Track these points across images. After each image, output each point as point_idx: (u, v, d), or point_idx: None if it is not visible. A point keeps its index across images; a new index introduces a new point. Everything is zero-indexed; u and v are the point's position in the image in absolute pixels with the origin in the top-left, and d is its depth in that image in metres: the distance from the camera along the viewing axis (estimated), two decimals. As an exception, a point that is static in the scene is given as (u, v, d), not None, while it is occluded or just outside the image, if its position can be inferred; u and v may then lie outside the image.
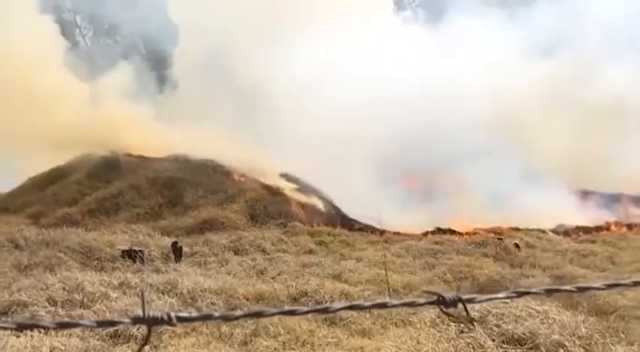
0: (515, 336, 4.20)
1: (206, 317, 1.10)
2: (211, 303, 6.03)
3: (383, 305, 1.21)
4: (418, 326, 4.72)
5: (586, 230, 11.83)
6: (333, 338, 5.16)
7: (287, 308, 1.21)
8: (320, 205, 13.25)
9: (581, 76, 14.63)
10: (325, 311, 1.16)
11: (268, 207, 12.79)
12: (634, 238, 11.02)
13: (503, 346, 4.14)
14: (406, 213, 12.88)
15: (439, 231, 11.65)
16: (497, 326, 4.37)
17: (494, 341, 4.17)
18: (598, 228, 11.91)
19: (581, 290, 1.29)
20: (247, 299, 6.29)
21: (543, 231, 11.53)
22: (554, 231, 11.56)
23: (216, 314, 1.10)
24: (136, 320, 1.05)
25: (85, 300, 5.74)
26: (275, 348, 4.99)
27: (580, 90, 14.48)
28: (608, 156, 13.46)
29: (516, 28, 16.38)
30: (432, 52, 15.91)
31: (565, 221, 12.24)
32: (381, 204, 12.42)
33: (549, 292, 1.30)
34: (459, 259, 9.14)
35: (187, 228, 11.84)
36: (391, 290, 7.08)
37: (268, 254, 9.81)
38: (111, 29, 23.71)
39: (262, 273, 8.34)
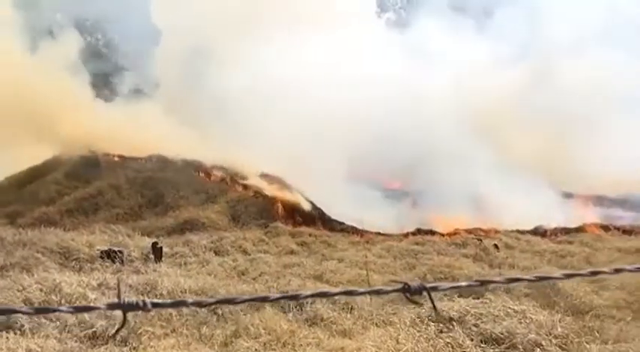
0: (494, 336, 4.26)
1: (179, 304, 1.12)
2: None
3: (351, 293, 1.25)
4: (398, 326, 4.75)
5: (564, 231, 12.03)
6: (314, 338, 5.16)
7: (258, 295, 1.23)
8: (301, 206, 13.24)
9: (548, 78, 14.93)
10: (295, 298, 1.19)
11: (250, 207, 12.76)
12: (610, 239, 11.25)
13: (482, 345, 4.20)
14: (387, 214, 12.95)
15: (420, 231, 11.75)
16: (475, 325, 4.43)
17: (472, 340, 4.23)
18: (575, 229, 12.13)
19: (541, 279, 1.35)
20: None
21: (522, 232, 11.70)
22: (532, 232, 11.73)
23: (190, 300, 1.13)
24: (112, 306, 1.07)
25: (62, 301, 5.66)
26: (256, 349, 4.97)
27: (548, 93, 14.76)
28: (584, 158, 13.73)
29: (487, 32, 16.65)
30: (409, 55, 16.06)
31: (543, 222, 12.43)
32: (361, 204, 12.49)
33: (510, 281, 1.37)
34: (439, 259, 9.23)
35: (168, 228, 11.75)
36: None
37: (249, 254, 9.78)
38: (92, 27, 23.39)
39: (243, 274, 8.31)
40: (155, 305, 1.07)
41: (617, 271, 1.36)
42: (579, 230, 12.11)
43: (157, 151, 15.43)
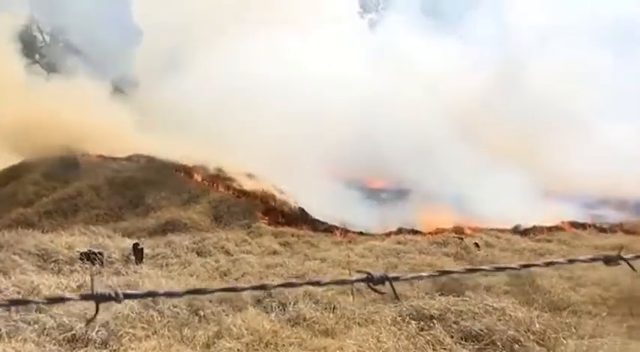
0: (473, 333, 4.33)
1: (150, 294, 1.15)
2: (173, 306, 5.93)
3: (316, 283, 1.30)
4: (380, 324, 4.79)
5: (542, 230, 12.22)
6: (296, 338, 5.18)
7: (227, 285, 1.27)
8: (284, 206, 13.23)
9: (522, 78, 15.17)
10: (263, 288, 1.23)
11: (232, 207, 12.70)
12: (587, 237, 11.48)
13: (462, 342, 4.26)
14: (370, 213, 13.02)
15: (402, 231, 11.82)
16: (456, 323, 4.50)
17: (452, 337, 4.29)
18: (554, 228, 12.32)
19: (499, 269, 1.43)
20: (210, 301, 6.23)
21: (502, 231, 11.86)
22: (512, 231, 11.90)
23: (161, 291, 1.15)
24: (85, 297, 1.08)
25: (40, 304, 5.56)
26: (238, 349, 4.96)
27: (525, 93, 15.00)
28: (562, 157, 13.98)
29: (461, 33, 16.88)
30: (388, 55, 16.19)
31: (522, 221, 12.61)
32: (344, 204, 12.53)
33: (470, 271, 1.47)
34: (421, 258, 9.31)
35: (149, 229, 11.64)
36: (354, 290, 7.15)
37: (232, 255, 9.73)
38: (72, 27, 23.05)
39: (226, 275, 8.29)
40: (127, 295, 1.09)
41: (571, 262, 1.43)
42: (557, 228, 12.31)
43: (138, 151, 15.28)
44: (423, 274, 1.38)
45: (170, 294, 1.11)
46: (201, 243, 10.21)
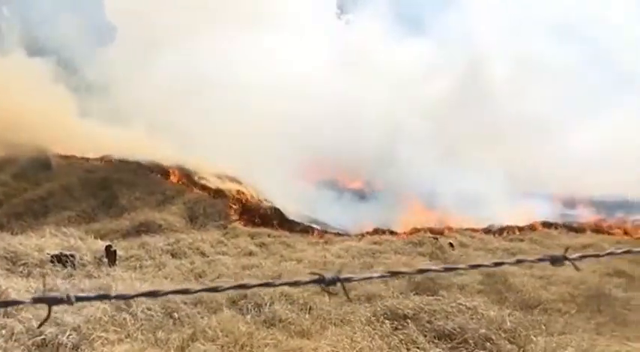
0: (446, 332, 4.39)
1: (103, 297, 1.16)
2: (147, 309, 5.86)
3: (269, 285, 1.31)
4: (354, 324, 4.82)
5: (515, 229, 12.46)
6: (272, 339, 5.17)
7: (181, 287, 1.28)
8: (261, 206, 13.19)
9: (488, 78, 15.46)
10: (215, 290, 1.24)
11: (208, 208, 12.60)
12: (558, 236, 11.75)
13: (435, 341, 4.33)
14: (346, 214, 13.07)
15: (378, 231, 11.92)
16: (429, 322, 4.56)
17: (426, 336, 4.35)
18: (526, 228, 12.57)
19: (421, 272, 1.51)
20: (185, 304, 6.18)
21: (476, 231, 12.05)
22: (485, 231, 12.10)
23: (113, 293, 1.15)
24: (37, 300, 1.08)
25: (9, 308, 5.43)
26: (213, 352, 4.93)
27: (494, 93, 15.27)
28: (533, 157, 14.27)
29: (430, 34, 17.12)
30: (361, 56, 16.30)
31: (496, 221, 12.82)
32: (321, 205, 12.55)
33: (420, 272, 1.51)
34: (397, 258, 9.39)
35: (123, 230, 11.46)
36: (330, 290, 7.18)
37: (207, 256, 9.65)
38: (40, 23, 22.52)
39: (201, 276, 8.22)
40: (79, 298, 1.09)
41: (519, 262, 1.49)
42: (530, 228, 12.56)
43: (111, 151, 15.04)
44: (374, 274, 1.41)
45: (123, 297, 1.12)
46: (176, 245, 10.10)
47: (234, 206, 12.93)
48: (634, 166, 13.00)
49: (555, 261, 1.38)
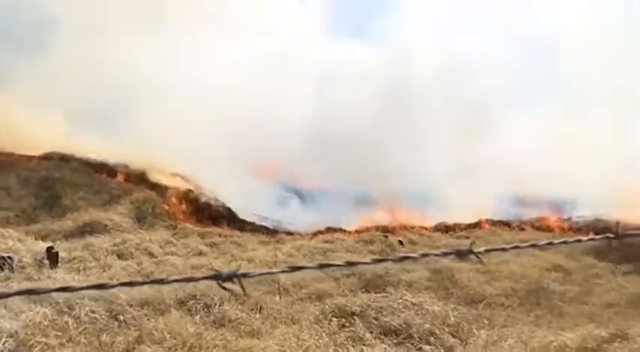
0: (392, 328, 4.49)
1: (28, 292, 1.11)
2: (91, 311, 5.68)
3: (161, 281, 1.31)
4: (303, 323, 4.84)
5: (462, 227, 12.84)
6: (221, 340, 5.11)
7: (96, 282, 1.25)
8: (211, 206, 13.01)
9: (420, 78, 15.85)
10: (102, 287, 1.22)
11: (156, 208, 12.31)
12: (502, 233, 12.22)
13: (381, 337, 4.41)
14: (299, 213, 13.09)
15: (330, 230, 12.00)
16: (375, 319, 4.64)
17: (372, 333, 4.42)
18: (473, 225, 12.99)
19: (350, 264, 1.51)
20: (131, 306, 6.02)
21: (425, 229, 12.34)
22: (434, 229, 12.41)
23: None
24: None
25: None
26: (160, 354, 4.83)
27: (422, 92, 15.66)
28: (478, 156, 14.73)
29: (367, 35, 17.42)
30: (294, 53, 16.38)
31: (444, 219, 13.16)
32: (273, 203, 12.51)
33: (322, 266, 1.49)
34: (348, 256, 9.48)
35: (65, 231, 11.01)
36: (281, 289, 7.17)
37: (156, 257, 9.43)
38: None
39: (148, 277, 8.01)
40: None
41: (424, 256, 1.54)
42: (476, 226, 12.98)
43: (54, 149, 14.43)
44: (273, 271, 1.43)
45: (33, 292, 1.08)
46: (123, 245, 9.80)
47: (183, 205, 12.69)
48: (575, 164, 13.63)
49: (461, 254, 1.44)
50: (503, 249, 1.63)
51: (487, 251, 1.49)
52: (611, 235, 1.57)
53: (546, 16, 17.70)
